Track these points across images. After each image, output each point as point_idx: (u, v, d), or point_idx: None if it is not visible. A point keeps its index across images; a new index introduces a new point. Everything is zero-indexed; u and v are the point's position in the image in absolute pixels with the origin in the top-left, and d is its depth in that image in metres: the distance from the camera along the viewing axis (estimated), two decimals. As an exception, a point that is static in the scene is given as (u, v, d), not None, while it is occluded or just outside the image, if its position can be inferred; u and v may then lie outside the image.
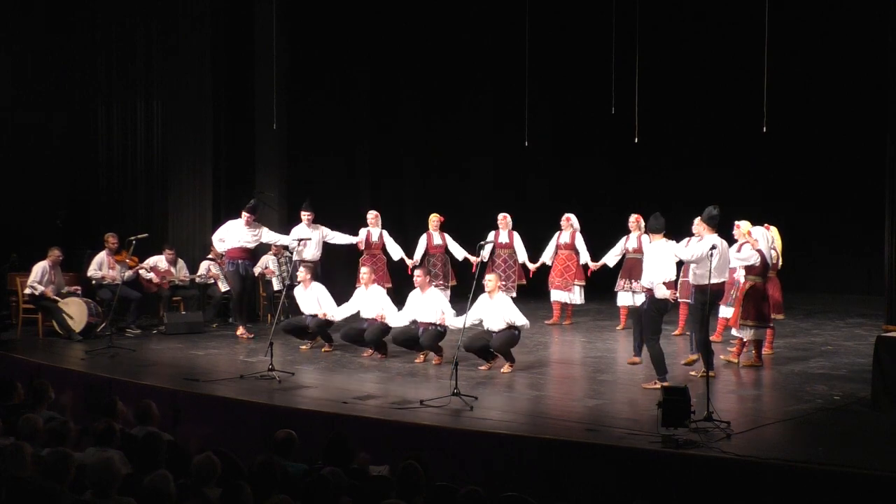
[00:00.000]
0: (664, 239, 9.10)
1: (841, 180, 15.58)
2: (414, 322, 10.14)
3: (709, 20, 15.54)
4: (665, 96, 15.48)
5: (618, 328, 12.20)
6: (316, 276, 11.39)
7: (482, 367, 9.72)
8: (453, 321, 9.92)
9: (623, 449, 6.83)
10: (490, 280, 9.75)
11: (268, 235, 12.01)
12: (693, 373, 9.20)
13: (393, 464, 6.12)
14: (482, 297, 9.72)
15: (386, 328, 10.32)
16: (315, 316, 10.76)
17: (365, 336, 10.38)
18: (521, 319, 9.61)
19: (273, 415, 8.04)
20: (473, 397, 8.17)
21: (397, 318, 10.30)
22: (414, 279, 10.44)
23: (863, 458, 6.46)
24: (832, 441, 7.07)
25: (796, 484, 6.23)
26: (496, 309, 9.63)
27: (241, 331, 11.75)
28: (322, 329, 10.81)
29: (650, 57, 13.09)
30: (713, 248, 8.75)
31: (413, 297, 10.33)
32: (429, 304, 10.13)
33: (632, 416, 7.70)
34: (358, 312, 10.66)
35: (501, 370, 9.56)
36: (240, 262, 11.73)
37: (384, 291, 10.87)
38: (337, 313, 10.74)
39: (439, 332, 10.02)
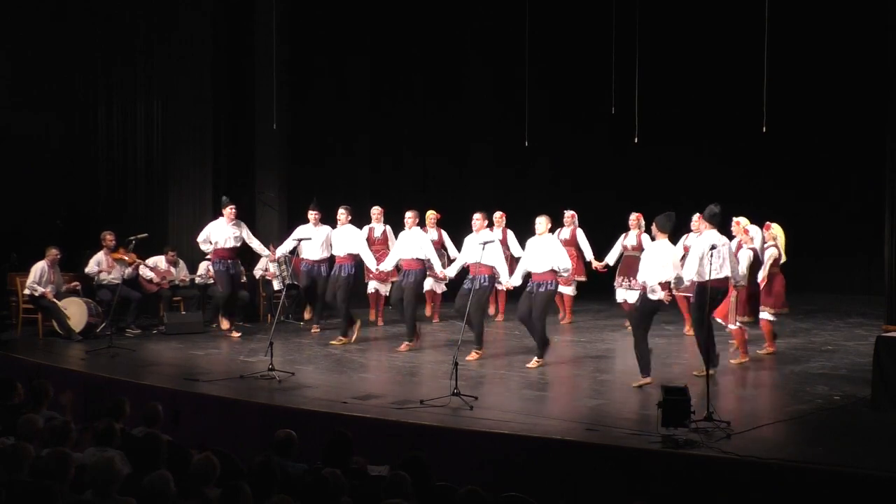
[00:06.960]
0: (667, 240, 9.08)
1: (841, 180, 15.59)
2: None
3: (709, 20, 15.54)
4: (665, 96, 15.48)
5: (625, 327, 12.26)
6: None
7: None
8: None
9: (623, 449, 6.83)
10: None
11: (253, 242, 11.95)
12: (695, 372, 9.18)
13: (393, 464, 6.11)
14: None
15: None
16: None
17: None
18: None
19: (273, 415, 8.04)
20: (473, 397, 8.16)
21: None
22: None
23: (863, 458, 6.46)
24: (832, 441, 7.06)
25: (796, 484, 6.23)
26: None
27: (225, 325, 11.82)
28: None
29: (650, 57, 13.08)
30: (713, 247, 8.74)
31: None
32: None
33: (632, 416, 7.70)
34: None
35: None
36: (229, 261, 11.71)
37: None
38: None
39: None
